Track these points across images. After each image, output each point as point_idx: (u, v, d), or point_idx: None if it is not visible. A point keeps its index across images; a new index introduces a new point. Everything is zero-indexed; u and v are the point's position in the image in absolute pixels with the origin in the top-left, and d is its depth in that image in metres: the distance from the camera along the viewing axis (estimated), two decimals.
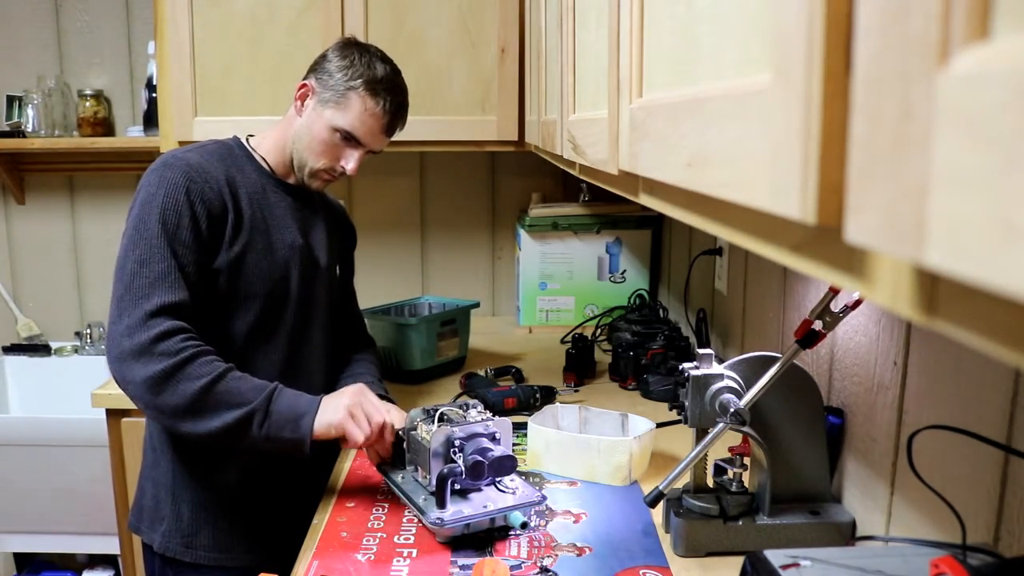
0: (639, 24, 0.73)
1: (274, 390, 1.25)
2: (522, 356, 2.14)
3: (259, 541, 1.41)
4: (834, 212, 0.36)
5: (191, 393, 1.20)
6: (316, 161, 1.43)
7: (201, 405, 1.20)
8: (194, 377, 1.20)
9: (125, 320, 1.22)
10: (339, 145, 1.42)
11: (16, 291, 2.69)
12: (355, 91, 1.39)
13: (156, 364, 1.20)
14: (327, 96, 1.40)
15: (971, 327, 0.29)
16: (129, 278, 1.25)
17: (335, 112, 1.39)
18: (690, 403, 1.08)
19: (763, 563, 0.82)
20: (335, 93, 1.39)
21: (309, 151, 1.43)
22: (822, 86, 0.35)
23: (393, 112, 1.43)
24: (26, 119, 2.53)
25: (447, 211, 2.60)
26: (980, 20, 0.26)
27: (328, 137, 1.40)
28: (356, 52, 1.42)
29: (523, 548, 1.15)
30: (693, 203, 0.61)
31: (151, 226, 1.26)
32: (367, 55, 1.42)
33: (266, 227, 1.40)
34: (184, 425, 1.22)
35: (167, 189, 1.28)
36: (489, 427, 1.22)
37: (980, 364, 0.86)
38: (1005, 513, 0.83)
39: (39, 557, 2.62)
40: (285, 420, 1.23)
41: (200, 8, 2.03)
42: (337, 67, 1.41)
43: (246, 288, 1.36)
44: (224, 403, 1.21)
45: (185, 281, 1.27)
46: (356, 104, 1.39)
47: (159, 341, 1.21)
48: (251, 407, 1.22)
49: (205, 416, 1.21)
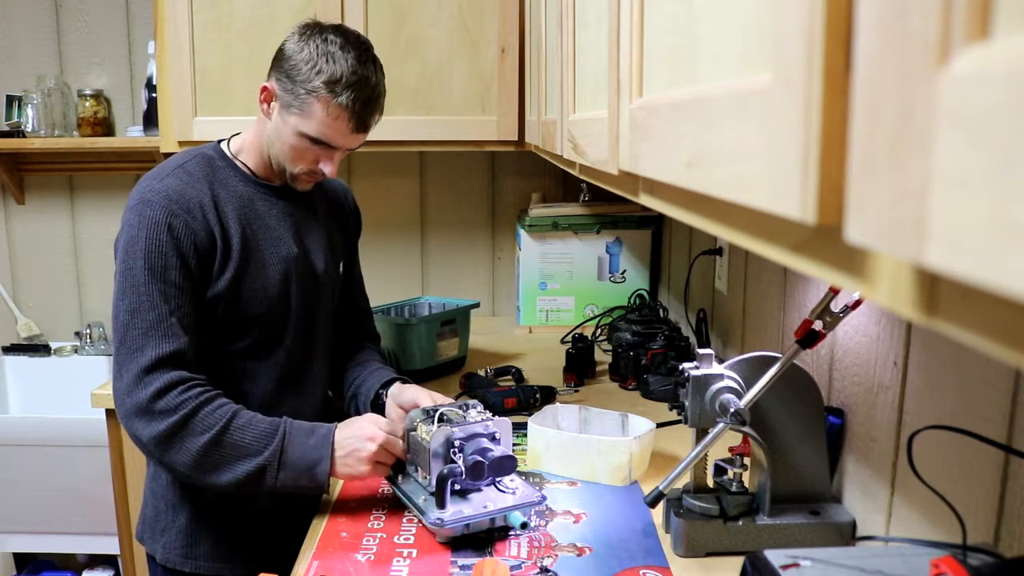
0: (639, 24, 0.72)
1: (284, 437, 1.22)
2: (522, 356, 2.14)
3: (259, 550, 1.40)
4: (834, 212, 0.36)
5: (197, 450, 1.19)
6: (293, 166, 1.35)
7: (210, 460, 1.20)
8: (198, 432, 1.19)
9: (124, 377, 1.21)
10: (312, 149, 1.32)
11: (16, 291, 2.69)
12: (315, 95, 1.26)
13: (158, 424, 1.19)
14: (288, 100, 1.29)
15: (971, 327, 0.29)
16: (122, 330, 1.22)
17: (299, 119, 1.29)
18: (690, 403, 1.08)
19: (763, 563, 0.82)
20: (295, 98, 1.28)
21: (284, 156, 1.34)
22: (822, 86, 0.35)
23: (360, 109, 1.29)
24: (26, 119, 2.53)
25: (447, 211, 2.60)
26: (980, 20, 0.26)
27: (298, 143, 1.31)
28: (313, 43, 1.28)
29: (523, 548, 1.15)
30: (693, 203, 0.61)
31: (137, 272, 1.23)
32: (324, 44, 1.28)
33: (257, 244, 1.35)
34: (199, 479, 1.21)
35: (148, 230, 1.23)
36: (489, 427, 1.22)
37: (980, 364, 0.86)
38: (1005, 513, 0.83)
39: (39, 557, 2.62)
40: (300, 471, 1.22)
41: (200, 8, 2.03)
42: (294, 66, 1.28)
43: (243, 312, 1.33)
44: (232, 456, 1.20)
45: (180, 324, 1.23)
46: (318, 109, 1.27)
47: (158, 399, 1.19)
48: (262, 460, 1.20)
49: (216, 471, 1.20)
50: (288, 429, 1.23)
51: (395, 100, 2.18)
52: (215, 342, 1.32)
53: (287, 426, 1.23)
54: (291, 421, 1.25)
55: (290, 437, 1.22)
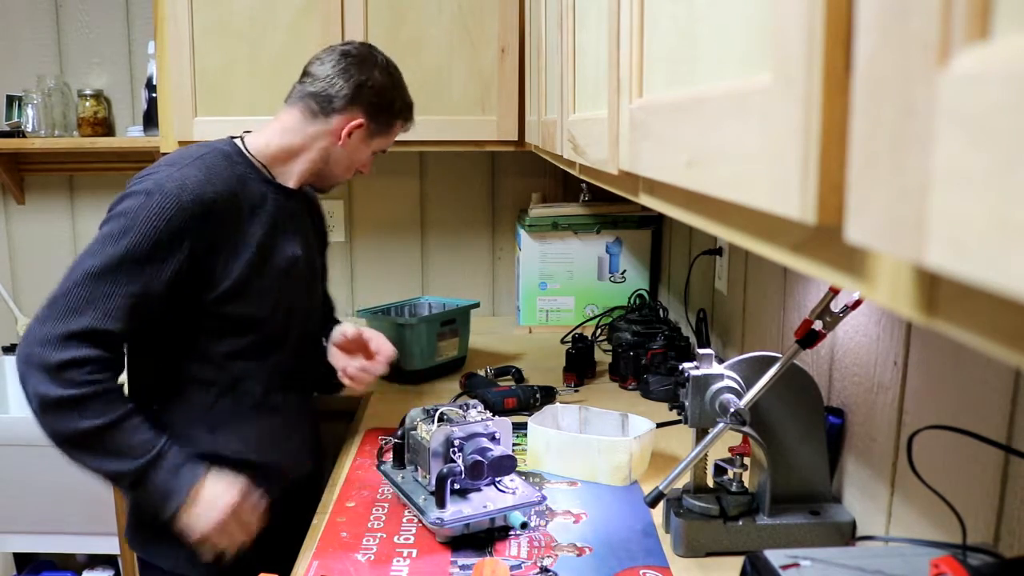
0: (639, 24, 0.72)
1: (156, 459, 1.21)
2: (522, 356, 2.14)
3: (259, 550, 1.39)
4: (834, 212, 0.36)
5: (77, 429, 1.18)
6: (347, 175, 1.48)
7: (83, 444, 1.20)
8: (87, 416, 1.18)
9: (47, 327, 1.18)
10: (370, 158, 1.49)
11: (16, 291, 2.69)
12: (398, 119, 1.47)
13: (54, 388, 1.17)
14: (376, 129, 1.43)
15: (971, 327, 0.29)
16: (69, 284, 1.20)
17: (381, 140, 1.46)
18: (690, 403, 1.08)
19: (763, 563, 0.82)
20: (384, 127, 1.45)
21: (346, 171, 1.46)
22: (822, 86, 0.35)
23: None
24: (26, 119, 2.52)
25: (447, 211, 2.60)
26: (980, 20, 0.26)
27: (368, 158, 1.47)
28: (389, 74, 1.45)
29: (523, 548, 1.15)
30: (693, 203, 0.61)
31: (120, 245, 1.20)
32: (396, 73, 1.47)
33: (272, 244, 1.37)
34: (63, 451, 1.21)
35: (150, 214, 1.21)
36: (489, 427, 1.22)
37: (980, 364, 0.86)
38: (1005, 513, 0.83)
39: (39, 557, 2.62)
40: (152, 496, 1.22)
41: (200, 8, 2.03)
42: (390, 100, 1.44)
43: (249, 312, 1.33)
44: (105, 450, 1.20)
45: (129, 310, 1.20)
46: (396, 130, 1.48)
47: (68, 368, 1.17)
48: (126, 468, 1.20)
49: (84, 454, 1.20)
50: (163, 451, 1.23)
51: None
52: (215, 341, 1.32)
53: (164, 448, 1.23)
54: (171, 446, 1.24)
55: (161, 461, 1.22)
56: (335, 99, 1.40)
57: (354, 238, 2.59)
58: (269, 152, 1.42)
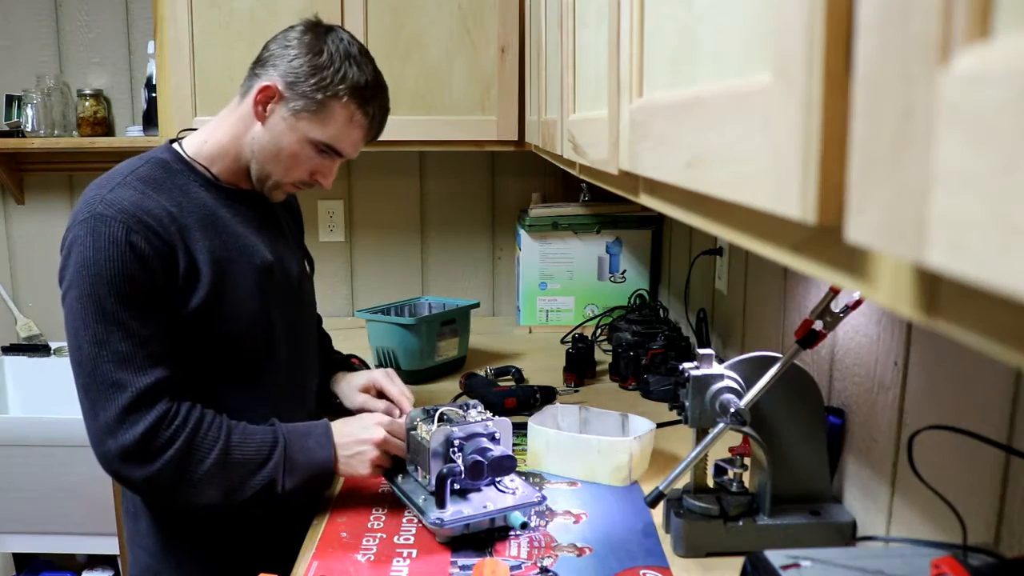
0: (639, 24, 0.72)
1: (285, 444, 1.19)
2: (522, 356, 2.14)
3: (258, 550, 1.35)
4: (834, 212, 0.36)
5: (201, 477, 1.14)
6: (285, 175, 1.25)
7: (216, 484, 1.15)
8: (199, 460, 1.13)
9: (101, 417, 1.11)
10: (315, 158, 1.24)
11: (16, 291, 2.69)
12: (338, 100, 1.19)
13: (154, 464, 1.11)
14: (300, 105, 1.19)
15: (972, 327, 0.29)
16: (90, 364, 1.11)
17: (311, 124, 1.20)
18: (690, 403, 1.08)
19: (763, 563, 0.82)
20: (311, 102, 1.19)
21: (276, 164, 1.24)
22: (822, 86, 0.35)
23: (380, 121, 1.26)
24: (25, 119, 2.52)
25: (447, 211, 2.60)
26: (981, 20, 0.26)
27: (302, 151, 1.22)
28: (331, 43, 1.20)
29: (523, 548, 1.15)
30: (693, 203, 0.61)
31: (101, 299, 1.10)
32: (342, 44, 1.21)
33: (229, 256, 1.22)
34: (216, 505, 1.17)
35: (108, 249, 1.10)
36: (489, 427, 1.22)
37: (981, 364, 0.86)
38: (1006, 513, 0.82)
39: (39, 557, 2.62)
40: (307, 474, 1.20)
41: (200, 8, 2.03)
42: (310, 67, 1.18)
43: (225, 331, 1.22)
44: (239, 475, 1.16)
45: (158, 351, 1.13)
46: (339, 115, 1.20)
47: (150, 439, 1.11)
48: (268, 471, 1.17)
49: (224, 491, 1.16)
50: (285, 434, 1.21)
51: (395, 100, 2.16)
52: (203, 373, 1.22)
53: (283, 431, 1.21)
54: (283, 425, 1.22)
55: (290, 441, 1.20)
56: (254, 68, 1.25)
57: (354, 238, 2.59)
58: (206, 152, 1.27)
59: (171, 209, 1.17)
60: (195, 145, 1.28)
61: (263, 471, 1.18)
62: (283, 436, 1.21)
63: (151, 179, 1.20)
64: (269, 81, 1.21)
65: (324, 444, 1.22)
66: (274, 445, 1.19)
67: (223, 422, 1.18)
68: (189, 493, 1.16)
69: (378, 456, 1.23)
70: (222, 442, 1.16)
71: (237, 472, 1.17)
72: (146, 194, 1.17)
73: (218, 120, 1.29)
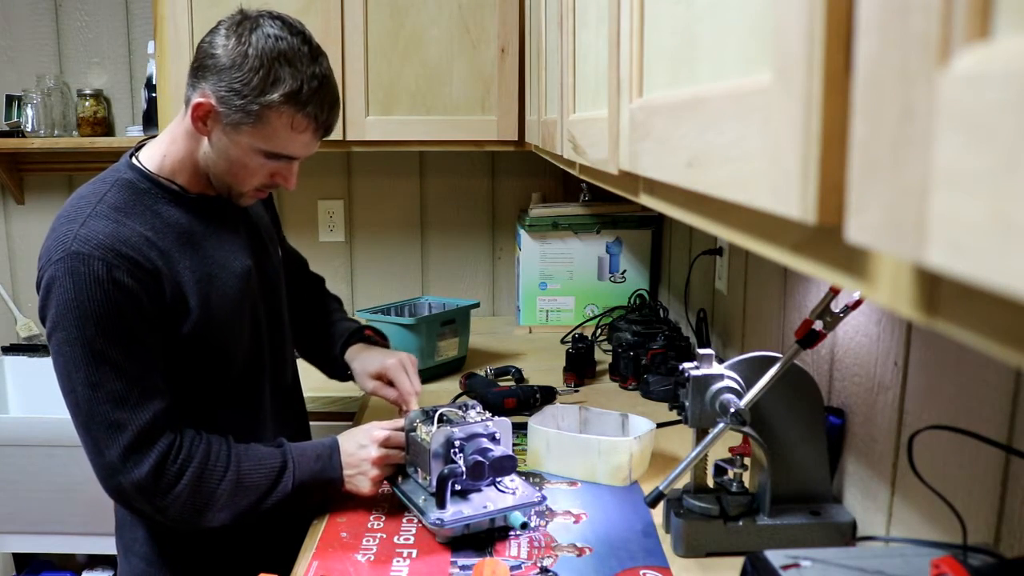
0: (639, 24, 0.72)
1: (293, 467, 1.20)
2: (522, 356, 2.14)
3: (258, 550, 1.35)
4: (834, 212, 0.36)
5: (215, 503, 1.15)
6: (244, 185, 1.21)
7: (229, 507, 1.17)
8: (211, 488, 1.14)
9: (106, 455, 1.10)
10: (268, 164, 1.18)
11: (16, 291, 2.69)
12: (272, 109, 1.10)
13: (165, 496, 1.12)
14: (237, 119, 1.12)
15: (972, 327, 0.29)
16: (87, 406, 1.09)
17: (252, 136, 1.13)
18: (690, 403, 1.08)
19: (763, 563, 0.82)
20: (246, 115, 1.11)
21: (230, 176, 1.19)
22: (822, 86, 0.35)
23: (327, 116, 1.17)
24: (25, 119, 2.52)
25: (447, 211, 2.60)
26: (981, 19, 0.26)
27: (252, 161, 1.16)
28: (256, 46, 1.09)
29: (523, 548, 1.15)
30: (693, 203, 0.61)
31: (90, 340, 1.07)
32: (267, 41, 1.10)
33: (213, 272, 1.20)
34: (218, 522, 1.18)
35: (90, 289, 1.06)
36: (489, 427, 1.22)
37: (981, 364, 0.86)
38: (1006, 513, 0.82)
39: (39, 557, 2.62)
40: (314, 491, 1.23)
41: (200, 8, 2.03)
42: (240, 77, 1.10)
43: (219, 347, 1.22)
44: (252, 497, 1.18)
45: (151, 385, 1.11)
46: (278, 123, 1.12)
47: (157, 475, 1.11)
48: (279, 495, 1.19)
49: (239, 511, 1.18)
50: (294, 457, 1.22)
51: (395, 100, 2.18)
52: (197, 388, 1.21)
53: (291, 453, 1.22)
54: (290, 446, 1.24)
55: (299, 464, 1.21)
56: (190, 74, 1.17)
57: (354, 238, 2.59)
58: (168, 166, 1.21)
59: (147, 234, 1.14)
60: (155, 160, 1.22)
61: (273, 495, 1.20)
62: (292, 460, 1.22)
63: (121, 204, 1.15)
64: (202, 97, 1.14)
65: (333, 466, 1.24)
66: (283, 469, 1.20)
67: (230, 448, 1.19)
68: (201, 520, 1.17)
69: (378, 474, 1.25)
70: (232, 470, 1.17)
71: (247, 498, 1.18)
72: (120, 222, 1.12)
73: (170, 134, 1.23)
